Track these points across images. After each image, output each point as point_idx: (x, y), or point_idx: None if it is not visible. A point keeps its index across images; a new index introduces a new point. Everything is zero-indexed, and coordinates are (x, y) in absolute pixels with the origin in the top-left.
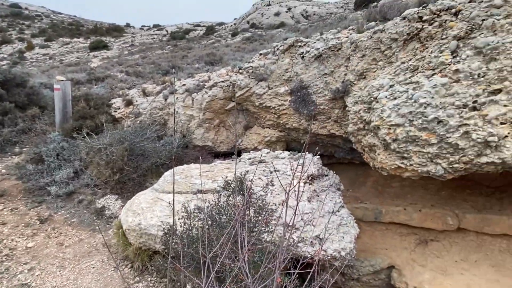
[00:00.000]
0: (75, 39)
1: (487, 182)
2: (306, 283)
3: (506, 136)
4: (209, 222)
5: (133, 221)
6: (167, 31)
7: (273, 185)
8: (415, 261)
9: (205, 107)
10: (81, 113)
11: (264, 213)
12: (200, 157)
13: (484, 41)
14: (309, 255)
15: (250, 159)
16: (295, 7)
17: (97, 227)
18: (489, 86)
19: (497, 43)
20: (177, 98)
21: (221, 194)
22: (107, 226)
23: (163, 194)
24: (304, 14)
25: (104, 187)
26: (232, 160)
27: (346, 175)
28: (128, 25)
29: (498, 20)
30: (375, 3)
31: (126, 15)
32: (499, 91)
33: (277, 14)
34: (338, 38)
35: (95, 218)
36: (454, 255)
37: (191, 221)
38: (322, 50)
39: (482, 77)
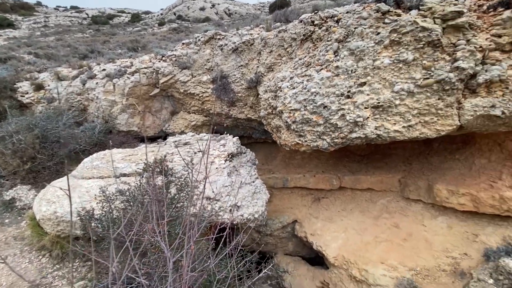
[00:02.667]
0: None
1: (358, 152)
2: (221, 244)
3: (368, 117)
4: (130, 203)
5: (47, 210)
6: (87, 14)
7: (193, 164)
8: (311, 214)
9: (128, 93)
10: None
11: (186, 189)
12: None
13: (356, 45)
14: (228, 221)
15: (175, 141)
16: (218, 4)
17: (5, 220)
18: (358, 80)
19: (363, 46)
20: (96, 83)
21: (142, 176)
22: (19, 218)
23: (82, 180)
24: (227, 12)
25: (13, 177)
26: (158, 144)
27: (261, 152)
28: (39, 3)
29: (365, 28)
30: (286, 8)
31: None
32: (364, 83)
33: (202, 9)
34: (251, 34)
35: (3, 211)
36: (337, 207)
37: (111, 204)
38: (238, 44)
39: (354, 72)
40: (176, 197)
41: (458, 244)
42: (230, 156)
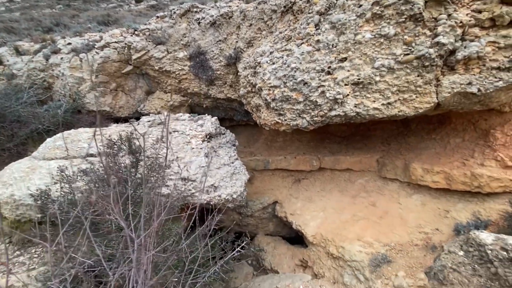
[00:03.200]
0: None
1: (339, 134)
2: (198, 225)
3: (348, 95)
4: (95, 184)
5: (4, 193)
6: None
7: (163, 142)
8: (291, 195)
9: (98, 69)
10: None
11: (158, 169)
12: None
13: (337, 18)
14: (205, 201)
15: (149, 121)
16: None
17: None
18: (339, 55)
19: (345, 19)
20: (61, 58)
21: (109, 155)
22: None
23: (44, 162)
24: None
25: None
26: (130, 123)
27: (243, 135)
28: None
29: (347, 0)
30: None
31: None
32: (345, 59)
33: None
34: (230, 6)
35: None
36: (317, 187)
37: (71, 184)
38: (216, 17)
39: (335, 47)
40: (144, 176)
41: (431, 220)
42: (208, 136)
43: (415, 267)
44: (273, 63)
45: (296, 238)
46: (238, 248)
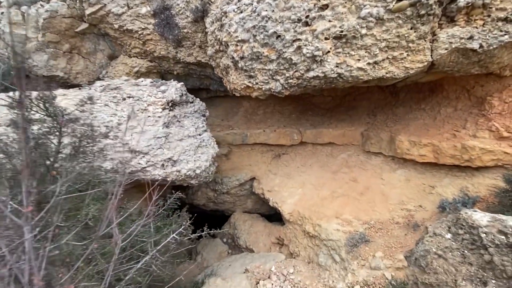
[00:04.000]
0: None
1: (322, 106)
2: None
3: (329, 52)
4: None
5: None
6: None
7: (93, 103)
8: (270, 171)
9: (44, 26)
10: None
11: (93, 139)
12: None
13: None
14: (160, 178)
15: (102, 86)
16: None
17: None
18: (319, 1)
19: None
20: (2, 13)
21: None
22: None
23: None
24: None
25: None
26: (80, 89)
27: (222, 107)
28: None
29: None
30: None
31: None
32: (326, 6)
33: None
34: None
35: None
36: (297, 163)
37: None
38: None
39: None
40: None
41: (414, 196)
42: (170, 104)
43: (394, 247)
44: (241, 12)
45: (276, 216)
46: (178, 233)
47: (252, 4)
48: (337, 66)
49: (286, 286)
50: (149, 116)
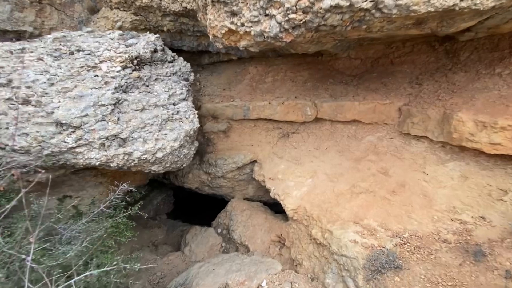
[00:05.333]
0: None
1: (348, 71)
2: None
3: None
4: None
5: None
6: None
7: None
8: (275, 154)
9: None
10: None
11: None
12: None
13: None
14: (98, 162)
15: (56, 38)
16: None
17: None
18: None
19: None
20: None
21: None
22: None
23: None
24: None
25: None
26: (29, 41)
27: (225, 74)
28: None
29: None
30: None
31: None
32: None
33: None
34: None
35: None
36: (309, 145)
37: None
38: None
39: None
40: None
41: (473, 202)
42: (136, 62)
43: (441, 284)
44: None
45: (282, 205)
46: None
47: None
48: None
49: None
50: (96, 76)
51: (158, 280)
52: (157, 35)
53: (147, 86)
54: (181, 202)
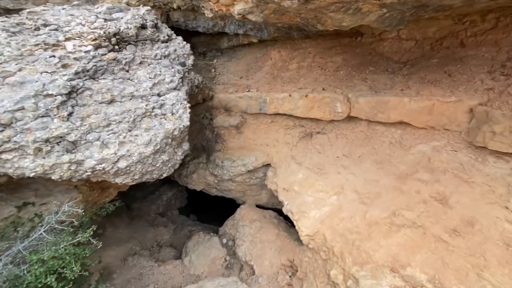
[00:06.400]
0: None
1: (396, 57)
2: None
3: None
4: None
5: None
6: None
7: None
8: (293, 158)
9: None
10: None
11: None
12: None
13: None
14: (31, 173)
15: (30, 12)
16: None
17: None
18: None
19: None
20: None
21: None
22: None
23: None
24: None
25: None
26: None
27: (244, 60)
28: None
29: None
30: None
31: None
32: None
33: None
34: None
35: None
36: (337, 149)
37: None
38: None
39: None
40: None
41: None
42: (114, 40)
43: None
44: None
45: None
46: None
47: None
48: None
49: None
50: (52, 57)
51: None
52: (149, 7)
53: (127, 71)
54: (196, 196)
